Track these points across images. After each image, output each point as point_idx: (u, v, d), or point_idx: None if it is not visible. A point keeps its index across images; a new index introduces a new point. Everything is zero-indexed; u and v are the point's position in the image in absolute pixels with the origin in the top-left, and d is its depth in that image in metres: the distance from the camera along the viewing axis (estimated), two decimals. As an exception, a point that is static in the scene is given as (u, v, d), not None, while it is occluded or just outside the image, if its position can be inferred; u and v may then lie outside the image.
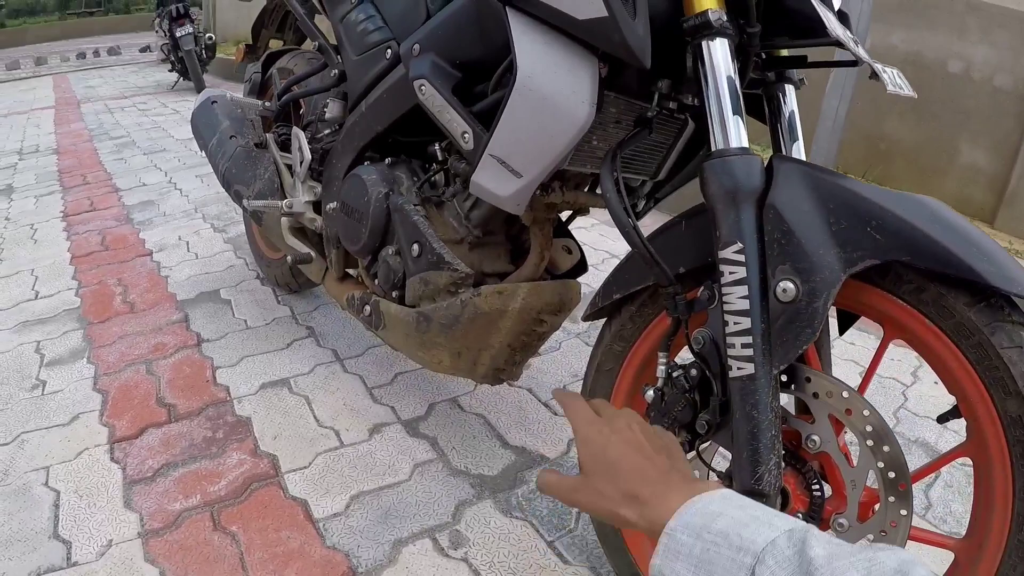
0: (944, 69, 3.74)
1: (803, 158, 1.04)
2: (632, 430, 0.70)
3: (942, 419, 0.94)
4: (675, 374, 0.96)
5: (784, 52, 1.10)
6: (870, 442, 0.88)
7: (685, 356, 0.98)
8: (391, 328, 1.43)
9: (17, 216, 3.62)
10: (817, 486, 0.96)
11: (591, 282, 1.96)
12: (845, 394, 0.89)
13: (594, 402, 0.77)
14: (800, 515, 0.96)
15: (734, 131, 0.89)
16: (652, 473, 0.64)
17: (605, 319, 1.17)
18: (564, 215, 1.47)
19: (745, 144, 0.89)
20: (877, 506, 0.90)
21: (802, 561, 0.49)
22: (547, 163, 1.03)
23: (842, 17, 1.03)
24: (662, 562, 0.57)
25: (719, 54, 0.89)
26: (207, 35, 7.90)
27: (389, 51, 1.37)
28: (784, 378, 0.93)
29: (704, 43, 0.89)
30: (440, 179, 1.38)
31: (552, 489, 0.70)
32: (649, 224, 1.06)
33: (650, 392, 0.99)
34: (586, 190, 1.30)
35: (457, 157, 1.27)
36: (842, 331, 1.06)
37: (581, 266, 1.41)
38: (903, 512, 0.88)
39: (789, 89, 1.09)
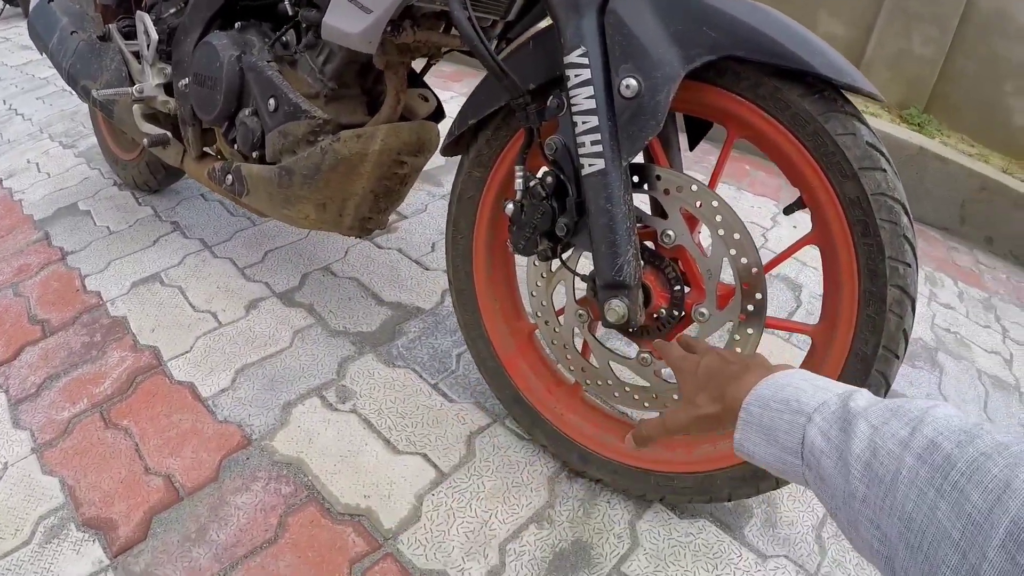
0: (804, -57, 3.78)
1: None
2: (717, 351, 0.74)
3: (788, 210, 0.99)
4: (532, 184, 0.97)
5: None
6: (721, 231, 0.91)
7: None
8: (254, 191, 1.38)
9: None
10: (677, 282, 1.00)
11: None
12: (694, 187, 0.92)
13: (684, 340, 0.83)
14: (663, 310, 1.01)
15: None
16: (735, 369, 0.67)
17: (463, 152, 1.16)
18: (419, 68, 1.43)
19: None
20: (733, 297, 0.95)
21: (844, 412, 0.52)
22: (393, 5, 1.01)
23: None
24: (741, 435, 0.61)
25: None
26: (24, -47, 7.17)
27: None
28: (636, 179, 0.95)
29: None
30: (292, 37, 1.32)
31: (655, 430, 0.75)
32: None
33: (510, 206, 1.00)
34: (440, 32, 1.26)
35: (307, 6, 1.21)
36: (692, 146, 1.08)
37: (439, 113, 1.38)
38: (758, 296, 0.92)
39: None
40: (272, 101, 1.26)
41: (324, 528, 1.14)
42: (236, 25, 1.38)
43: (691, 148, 1.11)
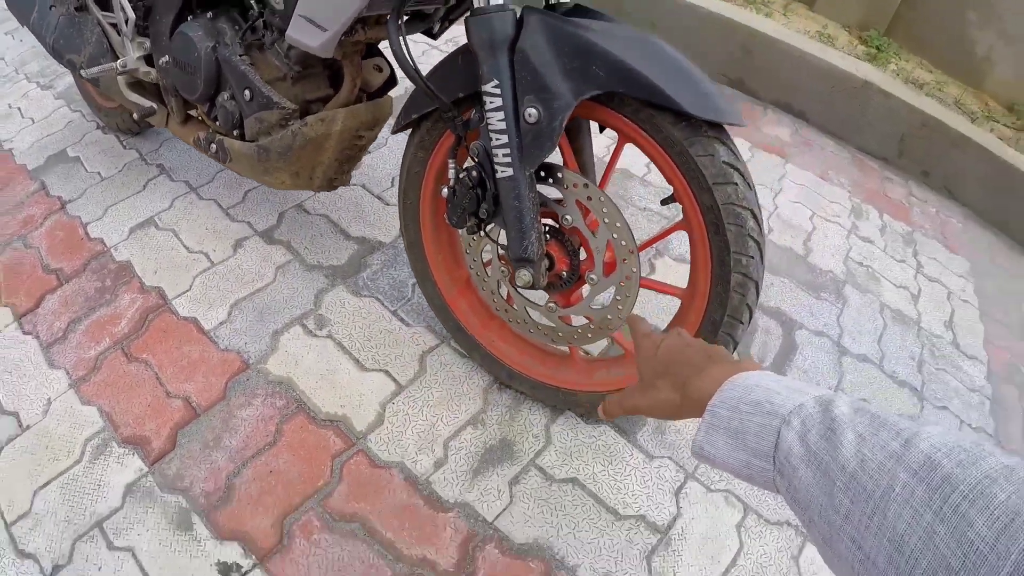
0: None
1: None
2: (680, 336, 0.74)
3: (665, 202, 1.24)
4: (461, 175, 1.20)
5: None
6: (606, 220, 1.17)
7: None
8: (236, 160, 1.62)
9: None
10: (574, 253, 1.26)
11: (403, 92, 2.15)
12: (587, 186, 1.17)
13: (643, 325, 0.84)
14: (564, 273, 1.28)
15: None
16: (696, 359, 0.68)
17: (410, 130, 1.40)
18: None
19: (501, 1, 1.07)
20: (615, 264, 1.21)
21: (826, 418, 0.49)
22: (345, 19, 1.20)
23: None
24: (704, 438, 0.59)
25: None
26: None
27: None
28: (543, 174, 1.19)
29: None
30: (260, 25, 1.50)
31: (614, 407, 0.76)
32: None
33: (445, 190, 1.25)
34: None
35: (271, 12, 1.40)
36: (601, 130, 1.32)
37: (391, 81, 1.58)
38: (634, 269, 1.19)
39: None
40: (247, 92, 1.49)
41: (311, 432, 1.47)
42: (208, 15, 1.56)
43: (600, 131, 1.34)
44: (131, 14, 1.71)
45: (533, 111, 1.08)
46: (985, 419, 1.84)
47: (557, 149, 1.17)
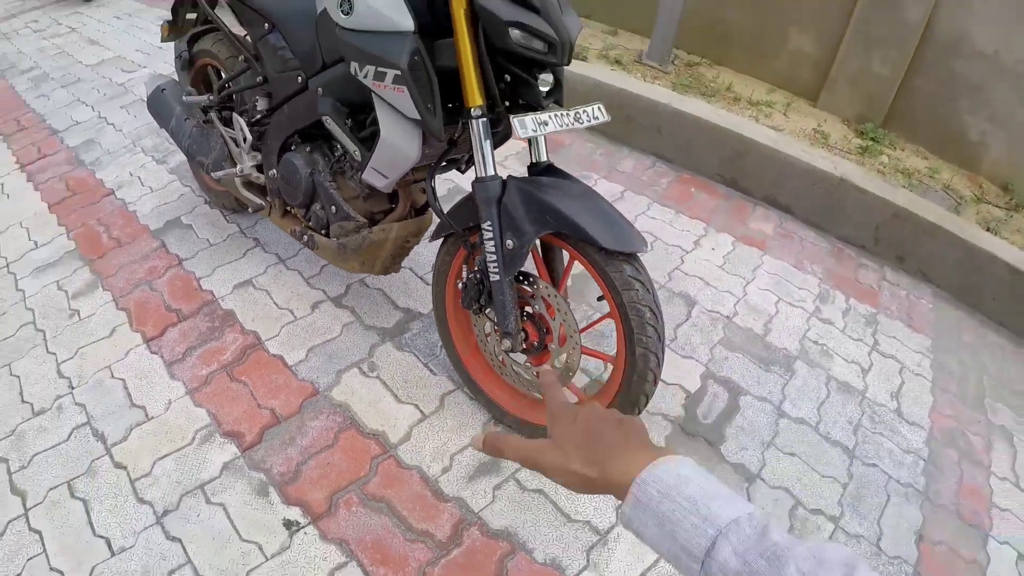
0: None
1: (544, 157, 1.91)
2: (595, 408, 0.74)
3: (599, 299, 1.89)
4: (470, 276, 1.93)
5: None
6: (559, 310, 1.86)
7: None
8: (322, 250, 2.36)
9: None
10: (540, 330, 1.95)
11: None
12: (547, 288, 1.87)
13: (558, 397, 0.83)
14: (535, 342, 1.95)
15: (489, 166, 1.77)
16: (615, 437, 0.69)
17: (441, 240, 2.11)
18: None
19: (493, 172, 1.76)
20: (566, 340, 1.90)
21: (764, 542, 0.55)
22: (400, 173, 1.96)
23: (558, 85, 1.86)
24: (632, 511, 0.62)
25: (480, 128, 1.75)
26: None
27: (300, 78, 2.19)
28: (522, 279, 1.89)
29: (473, 122, 1.75)
30: (344, 159, 2.24)
31: (493, 446, 0.77)
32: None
33: (460, 284, 1.98)
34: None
35: (352, 159, 2.14)
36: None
37: (428, 203, 2.34)
38: (576, 343, 1.87)
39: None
40: (334, 208, 2.24)
41: (358, 440, 2.15)
42: (307, 148, 2.29)
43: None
44: (249, 135, 2.50)
45: (511, 242, 1.78)
46: (916, 478, 2.23)
47: (534, 262, 1.86)
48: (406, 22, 1.71)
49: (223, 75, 2.85)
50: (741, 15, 4.44)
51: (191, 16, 3.00)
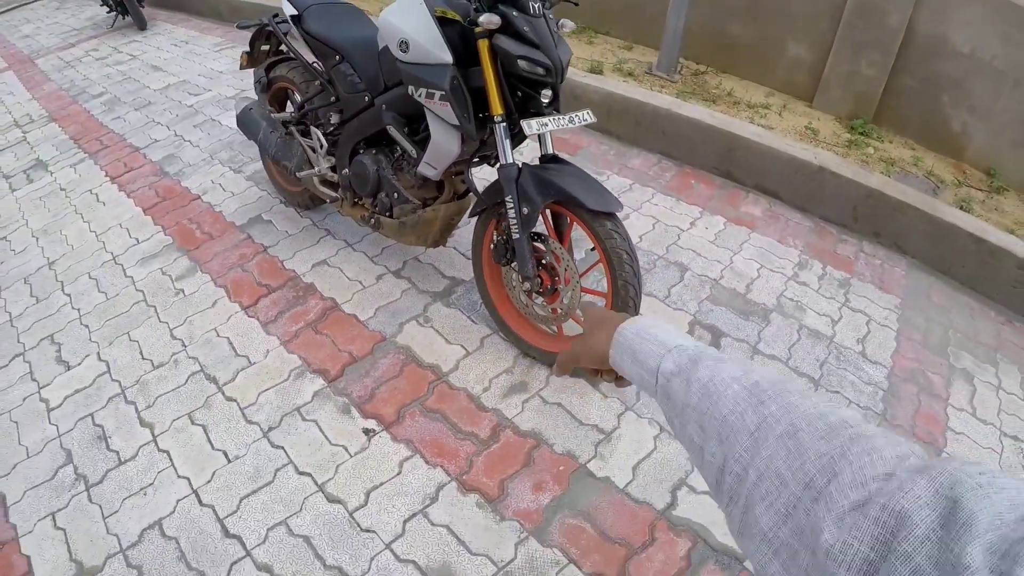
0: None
1: (550, 150, 2.66)
2: (596, 310, 1.02)
3: (592, 250, 2.66)
4: (499, 238, 2.70)
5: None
6: (563, 260, 2.59)
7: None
8: (386, 228, 3.13)
9: (68, 185, 4.85)
10: (552, 276, 2.68)
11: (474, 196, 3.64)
12: (554, 244, 2.61)
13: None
14: (548, 286, 2.68)
15: (509, 156, 2.51)
16: (608, 317, 0.95)
17: (477, 216, 2.86)
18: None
19: (511, 160, 2.51)
20: (570, 280, 2.63)
21: (695, 352, 0.77)
22: (446, 165, 2.75)
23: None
24: (615, 352, 0.87)
25: (502, 130, 2.50)
26: (145, -23, 8.80)
27: (367, 97, 2.98)
28: (537, 238, 2.63)
29: (496, 126, 2.50)
30: (402, 158, 3.03)
31: (564, 361, 1.01)
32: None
33: (491, 245, 2.73)
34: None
35: (409, 156, 2.91)
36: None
37: (468, 189, 3.10)
38: (577, 283, 2.60)
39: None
40: (396, 195, 3.01)
41: (417, 371, 2.90)
42: (373, 151, 3.09)
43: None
44: (325, 143, 3.30)
45: (525, 209, 2.53)
46: (875, 403, 2.74)
47: (544, 227, 2.60)
48: (447, 57, 2.48)
49: (295, 96, 3.63)
50: (742, 27, 5.10)
51: (264, 48, 3.78)
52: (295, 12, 3.31)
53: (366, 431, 2.67)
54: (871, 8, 4.38)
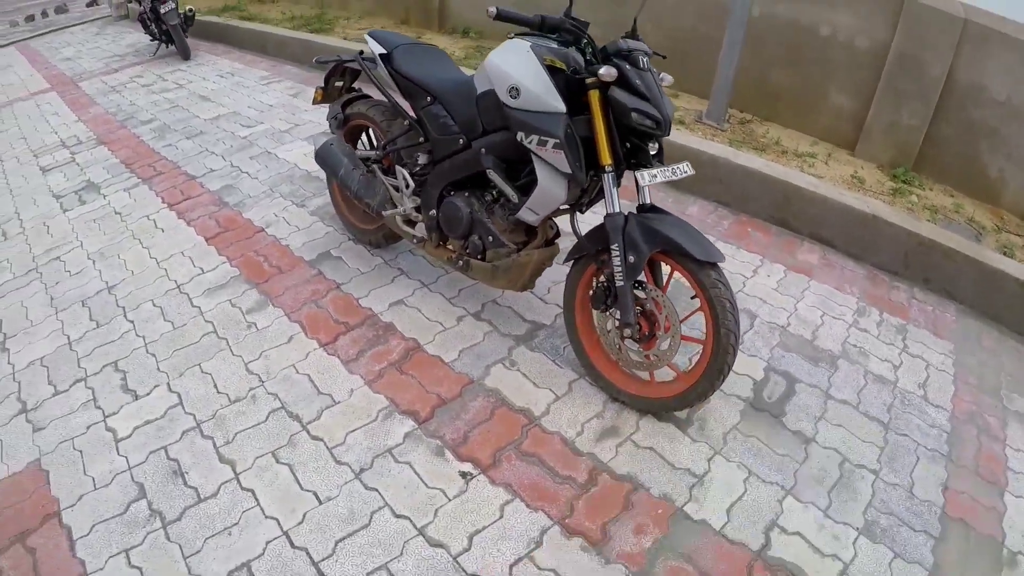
0: (817, 32, 5.15)
1: (648, 200, 2.75)
2: None
3: (693, 298, 2.72)
4: (599, 284, 2.80)
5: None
6: (664, 307, 2.70)
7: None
8: (475, 271, 3.23)
9: (123, 210, 4.94)
10: (652, 322, 2.77)
11: (564, 244, 3.74)
12: (655, 291, 2.71)
13: None
14: (646, 332, 2.77)
15: (616, 205, 2.64)
16: None
17: (572, 262, 2.96)
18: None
19: (618, 210, 2.63)
20: (670, 327, 2.74)
21: None
22: (549, 211, 2.86)
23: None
24: None
25: (610, 179, 2.64)
26: (188, 8, 9.05)
27: (462, 140, 3.09)
28: (637, 285, 2.73)
29: (605, 175, 2.64)
30: (495, 200, 3.13)
31: None
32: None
33: (590, 292, 2.84)
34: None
35: (507, 200, 3.02)
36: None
37: (557, 235, 3.19)
38: (677, 330, 2.71)
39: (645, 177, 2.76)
40: (490, 238, 3.11)
41: (510, 414, 2.99)
42: (465, 193, 3.19)
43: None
44: (412, 184, 3.40)
45: (631, 257, 2.63)
46: (940, 445, 2.89)
47: (644, 274, 2.72)
48: (560, 106, 2.60)
49: (372, 133, 3.74)
50: (785, 76, 5.31)
51: (339, 84, 3.91)
52: (384, 51, 3.43)
53: (463, 474, 2.74)
54: (913, 59, 4.58)
